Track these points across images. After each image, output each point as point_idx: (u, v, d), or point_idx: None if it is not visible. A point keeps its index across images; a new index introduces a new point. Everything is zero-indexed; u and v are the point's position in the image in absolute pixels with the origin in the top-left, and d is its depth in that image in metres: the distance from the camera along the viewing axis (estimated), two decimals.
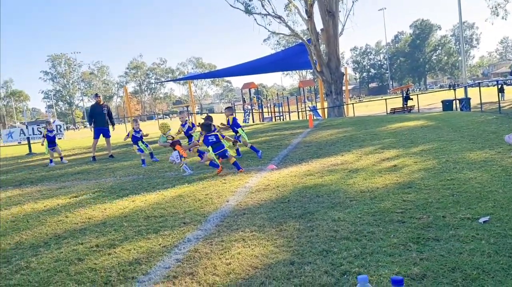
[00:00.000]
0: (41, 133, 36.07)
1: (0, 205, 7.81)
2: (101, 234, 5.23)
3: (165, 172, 9.77)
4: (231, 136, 11.16)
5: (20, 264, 4.40)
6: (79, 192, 8.30)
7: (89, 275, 3.92)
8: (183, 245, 4.50)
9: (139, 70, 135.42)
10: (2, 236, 5.59)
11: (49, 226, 5.87)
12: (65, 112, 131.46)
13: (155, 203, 6.65)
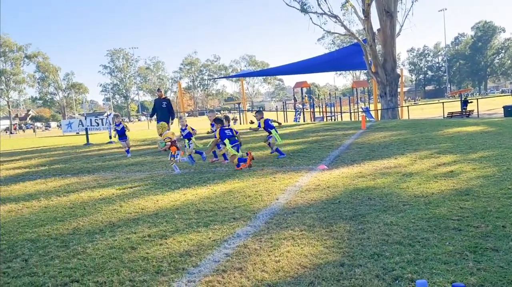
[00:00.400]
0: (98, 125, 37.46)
1: (58, 191, 8.15)
2: (153, 224, 5.35)
3: (216, 167, 9.87)
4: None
5: (77, 249, 4.57)
6: (133, 183, 8.53)
7: (142, 263, 4.02)
8: (233, 240, 4.53)
9: (193, 66, 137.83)
10: (61, 221, 5.83)
11: (104, 214, 6.06)
12: (121, 105, 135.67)
13: (205, 197, 6.73)
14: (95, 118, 40.03)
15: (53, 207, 6.82)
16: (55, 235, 5.17)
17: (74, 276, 3.81)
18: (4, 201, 7.54)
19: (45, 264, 4.16)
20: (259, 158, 10.58)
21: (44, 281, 3.75)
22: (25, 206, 6.99)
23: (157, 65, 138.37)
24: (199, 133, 11.33)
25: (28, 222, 5.89)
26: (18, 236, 5.24)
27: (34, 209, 6.77)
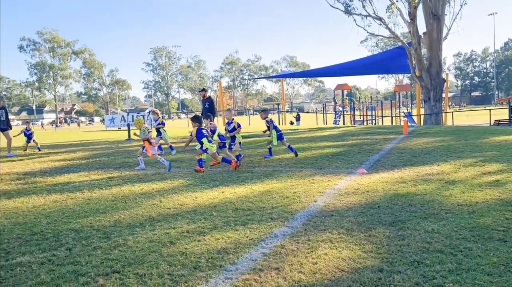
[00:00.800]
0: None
1: (101, 184, 8.37)
2: (192, 221, 5.42)
3: (254, 167, 9.91)
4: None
5: (118, 240, 4.69)
6: (173, 179, 8.67)
7: (180, 258, 4.08)
8: (270, 240, 4.54)
9: (233, 66, 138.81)
10: (103, 213, 5.99)
11: (144, 209, 6.19)
12: (161, 103, 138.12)
13: (243, 196, 6.77)
14: (137, 114, 40.88)
15: (95, 199, 7.01)
16: (98, 227, 5.31)
17: (115, 267, 3.91)
18: (49, 191, 7.81)
19: (88, 254, 4.28)
20: (287, 160, 10.55)
21: (87, 270, 3.86)
22: (69, 197, 7.22)
23: (199, 64, 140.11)
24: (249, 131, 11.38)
25: (72, 213, 6.08)
26: (63, 225, 5.42)
27: (78, 200, 6.98)
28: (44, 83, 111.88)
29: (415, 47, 26.27)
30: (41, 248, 4.56)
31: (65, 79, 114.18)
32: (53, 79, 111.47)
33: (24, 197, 7.40)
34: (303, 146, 14.04)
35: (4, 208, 6.61)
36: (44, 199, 7.14)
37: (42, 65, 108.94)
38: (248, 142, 17.12)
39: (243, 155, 11.01)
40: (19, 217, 5.95)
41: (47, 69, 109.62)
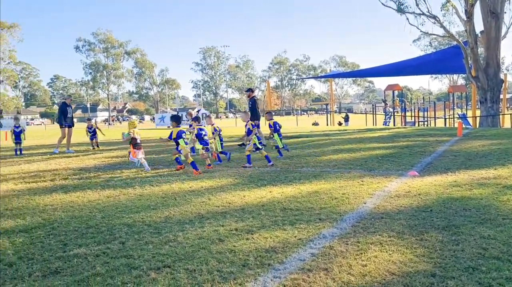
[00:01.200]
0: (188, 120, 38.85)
1: (152, 181, 8.57)
2: (240, 219, 5.46)
3: (302, 167, 9.87)
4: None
5: (168, 236, 4.79)
6: (221, 178, 8.76)
7: (229, 255, 4.12)
8: (318, 241, 4.51)
9: (282, 66, 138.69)
10: (154, 209, 6.14)
11: (194, 206, 6.29)
12: (210, 102, 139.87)
13: (291, 196, 6.76)
14: (185, 113, 41.62)
15: (146, 195, 7.19)
16: (149, 222, 5.45)
17: (166, 261, 4.00)
18: (103, 187, 8.07)
19: (140, 248, 4.40)
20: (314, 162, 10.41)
21: (139, 263, 3.96)
22: (122, 193, 7.43)
23: (247, 64, 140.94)
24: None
25: (125, 208, 6.27)
26: (116, 220, 5.59)
27: (130, 196, 7.18)
28: (98, 82, 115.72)
29: (471, 46, 25.36)
30: (96, 241, 4.72)
31: (118, 79, 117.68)
32: (106, 78, 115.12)
33: (79, 191, 7.69)
34: (352, 147, 13.86)
35: (61, 201, 6.89)
36: (98, 194, 7.39)
37: (96, 65, 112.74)
38: (296, 142, 17.08)
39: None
40: (75, 211, 6.19)
41: (101, 68, 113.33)
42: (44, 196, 7.42)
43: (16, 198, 7.34)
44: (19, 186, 8.50)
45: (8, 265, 4.05)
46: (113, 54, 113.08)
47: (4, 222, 5.70)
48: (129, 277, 3.66)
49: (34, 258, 4.23)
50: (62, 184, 8.57)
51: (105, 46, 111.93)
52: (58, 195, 7.46)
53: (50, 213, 6.12)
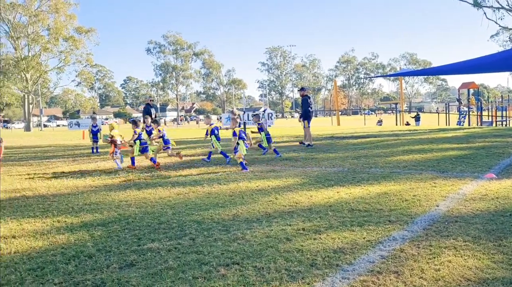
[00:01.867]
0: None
1: (219, 180, 8.74)
2: (307, 219, 5.45)
3: (370, 168, 9.68)
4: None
5: (237, 234, 4.87)
6: (287, 177, 8.78)
7: (296, 255, 4.13)
8: (388, 243, 4.41)
9: (349, 64, 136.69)
10: (222, 207, 6.26)
11: (261, 205, 6.34)
12: (275, 101, 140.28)
13: (359, 197, 6.65)
14: (252, 113, 42.03)
15: (215, 193, 7.34)
16: (217, 219, 5.56)
17: (235, 258, 4.07)
18: (173, 185, 8.33)
19: (210, 245, 4.51)
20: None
21: (209, 260, 4.06)
22: (191, 191, 7.64)
23: (313, 63, 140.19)
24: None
25: (194, 205, 6.44)
26: (186, 217, 5.75)
27: (199, 194, 7.36)
28: (168, 83, 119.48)
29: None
30: (168, 236, 4.89)
31: (186, 79, 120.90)
32: (175, 79, 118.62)
33: (151, 188, 7.98)
34: (423, 147, 13.41)
35: (134, 198, 7.19)
36: (169, 192, 7.64)
37: (166, 66, 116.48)
38: (363, 142, 16.78)
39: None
40: (147, 207, 6.44)
41: (171, 70, 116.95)
42: (119, 192, 7.78)
43: (93, 193, 7.74)
44: (96, 182, 8.96)
45: (88, 256, 4.28)
46: (182, 56, 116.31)
47: (83, 215, 6.04)
48: (199, 272, 3.76)
49: (111, 250, 4.44)
50: (135, 181, 8.93)
51: (175, 48, 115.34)
52: (131, 191, 7.78)
53: (125, 208, 6.40)
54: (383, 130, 26.53)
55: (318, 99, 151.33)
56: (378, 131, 25.05)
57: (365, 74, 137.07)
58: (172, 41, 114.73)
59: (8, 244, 4.79)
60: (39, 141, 27.42)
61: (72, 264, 4.08)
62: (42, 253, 4.45)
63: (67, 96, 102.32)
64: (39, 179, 9.68)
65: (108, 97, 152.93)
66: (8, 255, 4.44)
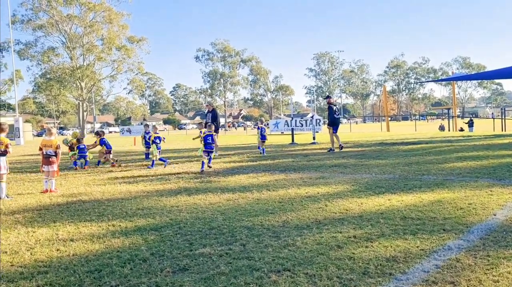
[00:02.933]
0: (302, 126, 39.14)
1: (268, 186, 8.77)
2: (358, 226, 5.38)
3: (422, 175, 9.44)
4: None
5: (287, 240, 4.87)
6: (337, 184, 8.70)
7: (348, 262, 4.08)
8: (443, 252, 4.29)
9: (399, 69, 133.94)
10: (272, 213, 6.28)
11: (311, 211, 6.32)
12: (323, 107, 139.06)
13: (412, 204, 6.51)
14: (299, 119, 41.95)
15: (264, 200, 7.37)
16: (267, 226, 5.59)
17: (286, 265, 4.07)
18: (223, 190, 8.43)
19: (260, 251, 4.53)
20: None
21: (260, 266, 4.09)
22: (241, 197, 7.70)
23: (362, 68, 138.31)
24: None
25: (244, 211, 6.49)
26: (236, 223, 5.81)
27: (248, 200, 7.42)
28: (216, 90, 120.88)
29: None
30: (219, 241, 4.96)
31: (234, 86, 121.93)
32: (223, 86, 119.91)
33: (201, 194, 8.11)
34: (478, 154, 12.96)
35: (185, 203, 7.33)
36: (219, 197, 7.74)
37: (214, 73, 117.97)
38: (415, 148, 16.40)
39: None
40: (198, 212, 6.55)
41: (219, 76, 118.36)
42: (170, 197, 7.95)
43: (146, 198, 7.95)
44: (148, 188, 9.19)
45: (143, 260, 4.41)
46: (230, 63, 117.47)
47: (137, 220, 6.22)
48: (251, 278, 3.79)
49: (164, 255, 4.55)
50: (186, 187, 9.10)
51: (223, 55, 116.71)
52: (182, 197, 7.94)
53: (176, 213, 6.54)
54: (435, 136, 25.82)
55: (367, 104, 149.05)
56: (430, 137, 24.39)
57: (415, 79, 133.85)
58: (220, 48, 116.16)
59: (67, 247, 5.00)
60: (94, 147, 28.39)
61: (127, 267, 4.20)
62: (99, 256, 4.61)
63: (119, 104, 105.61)
64: (94, 184, 10.03)
65: (158, 104, 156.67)
66: (67, 257, 4.63)
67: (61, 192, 9.06)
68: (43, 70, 68.12)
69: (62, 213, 6.95)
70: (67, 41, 65.77)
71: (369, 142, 21.39)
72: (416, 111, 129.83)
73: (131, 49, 69.14)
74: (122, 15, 68.08)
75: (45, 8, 62.99)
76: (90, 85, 68.68)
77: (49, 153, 9.22)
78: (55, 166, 9.26)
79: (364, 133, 35.92)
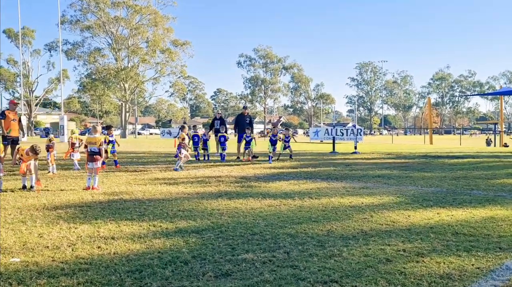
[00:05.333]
0: (342, 135, 38.63)
1: (311, 193, 8.58)
2: (407, 239, 5.14)
3: (472, 189, 9.04)
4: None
5: (333, 250, 4.69)
6: (382, 195, 8.43)
7: (399, 277, 3.87)
8: (501, 272, 4.02)
9: (443, 82, 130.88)
10: (315, 222, 6.10)
11: (356, 222, 6.10)
12: (364, 117, 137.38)
13: (463, 220, 6.19)
14: (340, 128, 41.52)
15: (306, 207, 7.20)
16: (311, 234, 5.41)
17: (333, 276, 3.89)
18: (264, 196, 8.30)
19: (305, 260, 4.37)
20: None
21: (306, 275, 3.92)
22: (282, 203, 7.55)
23: (405, 79, 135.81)
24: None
25: (287, 218, 6.33)
26: (279, 229, 5.66)
27: (290, 207, 7.26)
28: (256, 96, 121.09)
29: None
30: (262, 248, 4.82)
31: (274, 93, 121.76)
32: (264, 92, 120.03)
33: (242, 199, 8.01)
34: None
35: (226, 207, 7.24)
36: (260, 203, 7.61)
37: (255, 79, 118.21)
38: (460, 163, 15.83)
39: None
40: (240, 217, 6.44)
41: (260, 83, 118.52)
42: (211, 200, 7.88)
43: (186, 200, 7.91)
44: (188, 190, 9.17)
45: (184, 262, 4.32)
46: (271, 69, 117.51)
47: (178, 221, 6.16)
48: None
49: (206, 258, 4.45)
50: (226, 191, 9.02)
51: (265, 61, 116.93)
52: (223, 200, 7.86)
53: (217, 217, 6.45)
54: (481, 151, 24.93)
55: (408, 116, 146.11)
56: (475, 151, 23.57)
57: (460, 92, 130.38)
58: (262, 54, 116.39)
59: (108, 245, 4.97)
60: (135, 148, 28.90)
61: (168, 269, 4.12)
62: (140, 256, 4.56)
63: (160, 106, 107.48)
64: (135, 184, 10.10)
65: (199, 107, 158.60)
66: (108, 255, 4.59)
67: (103, 190, 9.15)
68: (89, 70, 70.12)
69: (104, 210, 6.98)
70: (113, 43, 67.51)
71: (412, 154, 20.83)
72: (459, 125, 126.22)
73: (175, 53, 70.24)
74: (168, 19, 69.36)
75: (93, 10, 64.89)
76: (134, 86, 70.15)
77: (93, 150, 9.34)
78: (99, 163, 9.38)
79: (406, 144, 35.06)
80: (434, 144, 36.17)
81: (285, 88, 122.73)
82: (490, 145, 37.18)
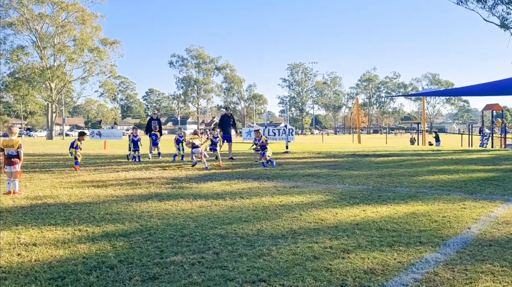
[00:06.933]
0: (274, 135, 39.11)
1: (242, 193, 8.61)
2: (334, 237, 5.28)
3: (396, 187, 9.45)
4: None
5: (262, 250, 4.72)
6: (311, 193, 8.61)
7: (325, 274, 3.96)
8: (421, 265, 4.22)
9: (370, 83, 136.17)
10: (245, 222, 6.12)
11: (285, 220, 6.19)
12: (295, 118, 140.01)
13: (387, 216, 6.46)
14: (272, 128, 41.97)
15: (237, 207, 7.21)
16: (241, 234, 5.42)
17: (261, 275, 3.92)
18: (195, 197, 8.23)
19: (234, 260, 4.36)
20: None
21: (234, 276, 3.92)
22: (213, 204, 7.52)
23: (334, 80, 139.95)
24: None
25: (217, 219, 6.31)
26: (209, 230, 5.63)
27: (221, 207, 7.24)
28: (189, 96, 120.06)
29: None
30: (191, 249, 4.77)
31: (207, 93, 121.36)
32: (197, 92, 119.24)
33: (173, 200, 7.89)
34: (449, 168, 13.11)
35: (156, 209, 7.10)
36: (191, 204, 7.53)
37: (188, 80, 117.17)
38: (386, 161, 16.51)
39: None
40: (170, 219, 6.34)
41: (192, 83, 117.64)
42: (141, 202, 7.70)
43: (115, 203, 7.68)
44: (117, 192, 8.91)
45: (110, 267, 4.18)
46: (204, 69, 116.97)
47: (105, 225, 5.96)
48: None
49: (133, 262, 4.34)
50: (157, 192, 8.85)
51: (197, 61, 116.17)
52: (153, 202, 7.70)
53: (147, 219, 6.31)
54: (406, 149, 26.15)
55: (338, 116, 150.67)
56: (400, 150, 24.67)
57: (386, 93, 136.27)
58: (194, 55, 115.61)
59: (29, 252, 4.73)
60: (61, 150, 27.68)
61: (93, 275, 3.98)
62: (63, 262, 4.37)
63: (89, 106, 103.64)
64: (60, 187, 9.67)
65: (130, 108, 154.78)
66: (28, 263, 4.37)
67: (25, 194, 8.69)
68: (12, 69, 66.38)
69: (26, 216, 6.63)
70: (37, 40, 64.37)
71: (341, 153, 21.47)
72: (386, 124, 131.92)
73: (104, 51, 68.16)
74: (96, 17, 67.14)
75: (16, 6, 61.53)
76: (60, 86, 67.29)
77: (10, 153, 8.83)
78: (17, 167, 8.88)
79: (336, 144, 36.10)
80: (362, 143, 37.48)
81: (218, 88, 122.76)
82: (414, 144, 39.06)
